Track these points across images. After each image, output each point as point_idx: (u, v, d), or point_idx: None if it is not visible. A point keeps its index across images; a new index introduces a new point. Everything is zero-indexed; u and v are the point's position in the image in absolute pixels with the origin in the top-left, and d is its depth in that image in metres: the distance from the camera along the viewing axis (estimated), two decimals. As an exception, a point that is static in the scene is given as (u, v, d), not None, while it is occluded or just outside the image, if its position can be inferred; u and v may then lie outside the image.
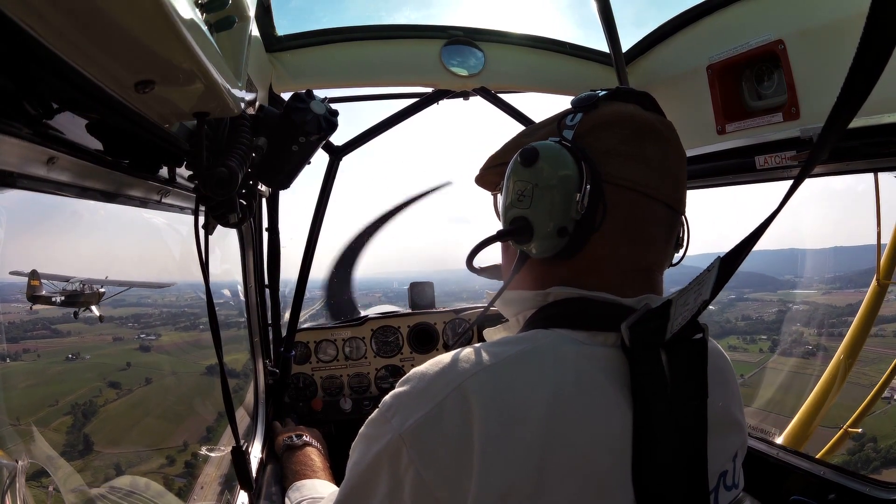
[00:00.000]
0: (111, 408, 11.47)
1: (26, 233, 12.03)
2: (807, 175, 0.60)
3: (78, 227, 21.27)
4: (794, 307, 17.91)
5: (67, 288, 10.07)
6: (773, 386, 8.60)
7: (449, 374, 0.65)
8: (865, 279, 4.58)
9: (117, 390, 12.24)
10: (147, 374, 12.76)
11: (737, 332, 20.64)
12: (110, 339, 13.73)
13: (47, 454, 4.92)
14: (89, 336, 12.53)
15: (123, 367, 12.88)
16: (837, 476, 1.50)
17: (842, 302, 15.64)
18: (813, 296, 18.46)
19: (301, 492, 1.39)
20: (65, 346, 11.64)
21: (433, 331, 2.57)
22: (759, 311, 21.04)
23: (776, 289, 19.24)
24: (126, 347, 13.71)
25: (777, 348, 16.10)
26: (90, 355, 13.08)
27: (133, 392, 11.88)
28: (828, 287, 18.52)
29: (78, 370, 12.24)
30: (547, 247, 0.75)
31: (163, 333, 14.26)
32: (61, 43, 0.57)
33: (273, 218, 2.06)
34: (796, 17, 1.35)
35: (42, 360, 11.04)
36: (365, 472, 0.68)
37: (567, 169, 0.72)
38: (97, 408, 10.88)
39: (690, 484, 0.65)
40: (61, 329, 11.80)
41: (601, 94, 0.81)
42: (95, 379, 12.10)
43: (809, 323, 16.28)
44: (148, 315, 14.47)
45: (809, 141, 1.33)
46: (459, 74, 1.84)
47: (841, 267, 19.17)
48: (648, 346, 0.64)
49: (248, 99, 1.02)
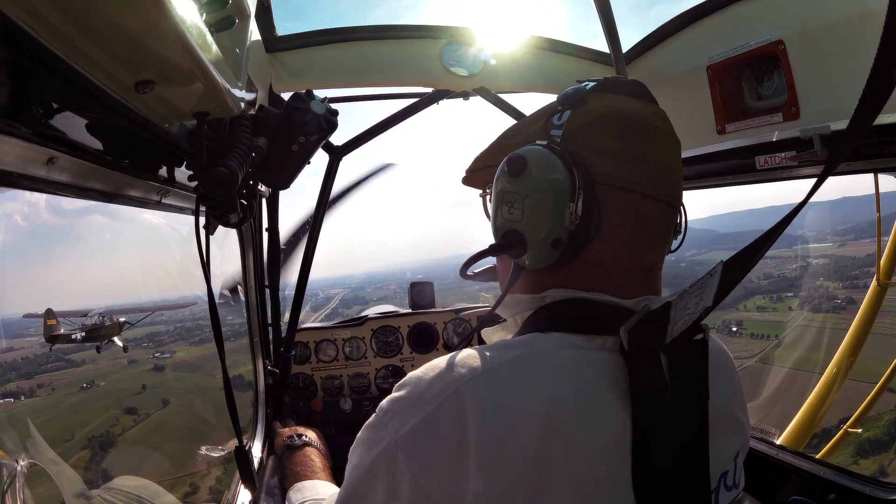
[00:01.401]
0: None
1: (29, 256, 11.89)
2: (824, 179, 0.59)
3: (80, 238, 21.35)
4: (814, 261, 17.88)
5: (87, 323, 9.73)
6: (811, 345, 8.50)
7: (445, 378, 0.64)
8: (874, 229, 4.58)
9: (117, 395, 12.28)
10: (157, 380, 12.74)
11: (761, 292, 20.55)
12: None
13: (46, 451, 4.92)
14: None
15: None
16: (837, 476, 1.50)
17: (860, 253, 15.58)
18: (829, 248, 18.42)
19: (302, 493, 1.38)
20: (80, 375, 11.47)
21: (433, 331, 2.57)
22: (779, 268, 20.99)
23: (791, 244, 19.15)
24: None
25: (806, 305, 16.08)
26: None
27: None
28: (842, 238, 18.46)
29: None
30: (541, 258, 0.73)
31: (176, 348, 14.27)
32: (61, 43, 0.57)
33: (273, 218, 2.06)
34: (796, 17, 1.35)
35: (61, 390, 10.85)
36: (363, 477, 0.68)
37: (558, 176, 0.69)
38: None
39: (692, 487, 0.64)
40: (75, 359, 11.64)
41: (589, 86, 0.77)
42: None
43: (832, 276, 16.25)
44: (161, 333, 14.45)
45: (810, 141, 1.33)
46: (459, 74, 1.84)
47: (849, 217, 19.09)
48: (648, 350, 0.63)
49: (248, 99, 1.02)
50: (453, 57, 1.83)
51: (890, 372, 4.45)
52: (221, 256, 1.77)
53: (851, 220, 19.04)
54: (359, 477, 0.68)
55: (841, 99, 1.26)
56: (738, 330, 19.66)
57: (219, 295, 1.20)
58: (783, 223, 0.58)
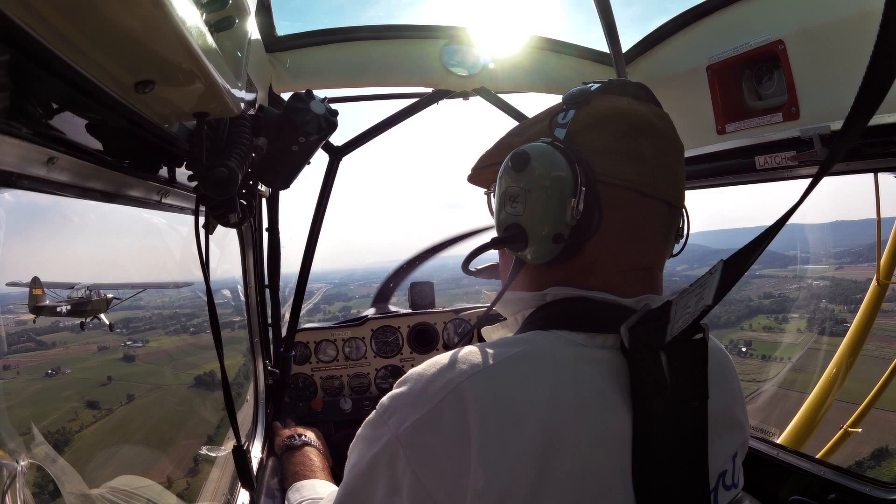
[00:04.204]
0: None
1: (21, 236, 11.77)
2: (820, 179, 0.59)
3: (76, 231, 21.35)
4: (814, 283, 17.83)
5: (73, 295, 9.44)
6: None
7: (446, 375, 0.65)
8: (873, 253, 4.58)
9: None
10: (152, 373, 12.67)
11: (764, 311, 20.37)
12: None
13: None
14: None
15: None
16: (837, 476, 1.50)
17: (861, 276, 15.46)
18: (826, 270, 18.33)
19: (301, 492, 1.38)
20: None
21: (433, 331, 2.57)
22: (778, 287, 20.85)
23: (785, 264, 19.05)
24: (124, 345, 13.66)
25: (814, 327, 15.88)
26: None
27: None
28: (838, 261, 18.38)
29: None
30: (543, 253, 0.73)
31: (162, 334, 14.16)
32: (61, 43, 0.57)
33: (273, 218, 2.06)
34: (796, 17, 1.35)
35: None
36: (363, 474, 0.68)
37: (560, 172, 0.70)
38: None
39: (691, 485, 0.64)
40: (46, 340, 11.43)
41: (593, 87, 0.78)
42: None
43: (836, 299, 16.10)
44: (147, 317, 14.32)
45: (809, 141, 1.33)
46: (459, 74, 1.84)
47: (843, 241, 19.05)
48: (648, 348, 0.63)
49: (248, 99, 1.02)
50: (453, 57, 1.84)
51: (890, 372, 4.45)
52: (221, 256, 1.77)
53: (844, 243, 19.03)
54: (359, 474, 0.68)
55: (841, 99, 1.26)
56: (747, 351, 19.18)
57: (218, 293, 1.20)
58: (781, 221, 0.59)
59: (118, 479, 2.11)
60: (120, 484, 2.31)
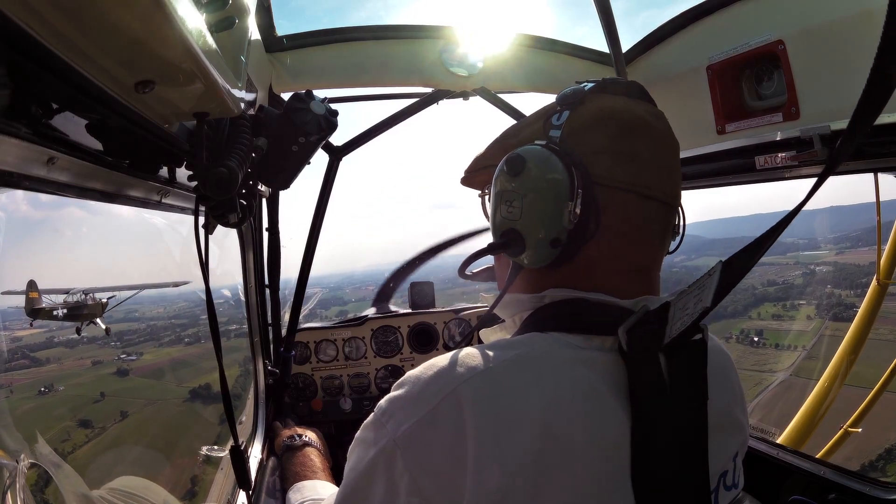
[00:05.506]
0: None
1: (16, 242, 11.79)
2: (825, 179, 0.58)
3: (71, 235, 21.32)
4: (817, 268, 17.65)
5: (69, 300, 9.51)
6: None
7: (443, 378, 0.64)
8: (871, 237, 4.58)
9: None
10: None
11: (770, 299, 20.17)
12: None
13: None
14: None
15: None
16: (837, 476, 1.50)
17: (863, 260, 15.35)
18: (827, 256, 18.14)
19: (301, 493, 1.38)
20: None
21: (433, 331, 2.57)
22: (780, 274, 20.66)
23: (785, 251, 18.86)
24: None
25: (824, 313, 15.70)
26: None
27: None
28: (838, 246, 18.25)
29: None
30: (540, 258, 0.73)
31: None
32: (61, 43, 0.57)
33: (273, 218, 2.06)
34: (796, 17, 1.35)
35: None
36: (361, 476, 0.68)
37: (557, 176, 0.69)
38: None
39: (691, 487, 0.64)
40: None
41: (588, 87, 0.77)
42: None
43: (841, 284, 15.93)
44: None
45: (810, 141, 1.33)
46: (459, 74, 1.84)
47: (840, 226, 18.97)
48: (646, 350, 0.63)
49: (248, 99, 1.02)
50: (453, 57, 1.83)
51: (890, 372, 4.44)
52: (221, 256, 1.77)
53: (841, 228, 18.92)
54: (357, 477, 0.68)
55: (841, 99, 1.26)
56: (759, 340, 18.66)
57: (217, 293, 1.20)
58: (783, 223, 0.58)
59: (118, 480, 2.11)
60: (120, 485, 2.31)
